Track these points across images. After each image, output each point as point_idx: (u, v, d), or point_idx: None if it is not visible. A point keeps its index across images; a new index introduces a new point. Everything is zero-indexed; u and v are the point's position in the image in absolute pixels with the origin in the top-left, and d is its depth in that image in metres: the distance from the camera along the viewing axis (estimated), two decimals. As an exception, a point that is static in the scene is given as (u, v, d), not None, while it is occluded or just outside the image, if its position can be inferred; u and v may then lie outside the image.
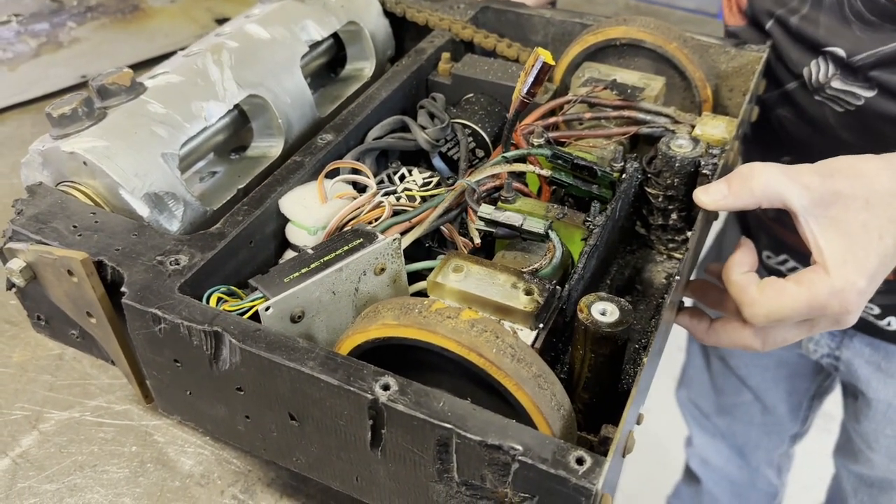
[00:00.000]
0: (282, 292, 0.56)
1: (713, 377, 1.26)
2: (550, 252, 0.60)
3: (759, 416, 1.24)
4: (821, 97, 0.85)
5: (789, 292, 0.64)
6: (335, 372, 0.50)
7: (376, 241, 0.60)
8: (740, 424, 1.28)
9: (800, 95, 0.87)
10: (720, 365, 1.23)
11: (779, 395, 1.21)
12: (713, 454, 1.35)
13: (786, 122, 0.90)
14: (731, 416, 1.28)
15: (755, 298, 0.66)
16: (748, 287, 0.67)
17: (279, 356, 0.51)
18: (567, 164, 0.68)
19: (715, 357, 1.24)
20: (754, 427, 1.27)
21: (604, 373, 0.55)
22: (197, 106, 0.70)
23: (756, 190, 0.64)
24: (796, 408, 1.23)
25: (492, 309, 0.56)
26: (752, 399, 1.23)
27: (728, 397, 1.26)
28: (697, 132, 0.74)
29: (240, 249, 0.62)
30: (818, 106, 0.86)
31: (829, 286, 0.63)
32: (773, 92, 0.89)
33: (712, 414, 1.30)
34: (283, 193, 0.65)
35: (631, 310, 0.54)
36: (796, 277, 0.65)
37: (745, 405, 1.24)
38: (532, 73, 0.64)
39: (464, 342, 0.49)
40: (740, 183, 0.64)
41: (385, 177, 0.71)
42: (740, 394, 1.23)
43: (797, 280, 0.65)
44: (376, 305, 0.53)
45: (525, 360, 0.50)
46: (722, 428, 1.31)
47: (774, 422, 1.25)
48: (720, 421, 1.30)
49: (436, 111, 0.76)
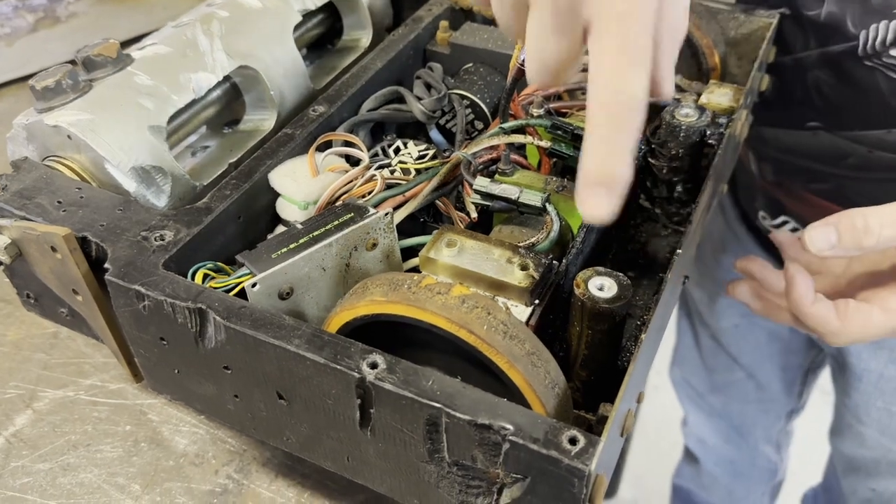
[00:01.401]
0: (269, 268, 0.54)
1: (704, 356, 1.23)
2: (548, 226, 0.58)
3: (754, 394, 1.22)
4: (874, 63, 0.79)
5: (874, 321, 0.63)
6: (322, 350, 0.48)
7: (367, 216, 0.58)
8: (735, 402, 1.25)
9: (846, 58, 0.80)
10: (710, 343, 1.20)
11: (772, 371, 1.19)
12: (709, 433, 1.33)
13: (823, 85, 0.84)
14: (725, 395, 1.25)
15: (839, 330, 0.64)
16: (828, 320, 0.65)
17: (264, 334, 0.50)
18: (567, 135, 0.65)
19: (705, 335, 1.21)
20: (749, 404, 1.24)
21: (602, 350, 0.54)
22: (185, 77, 0.68)
23: (870, 246, 0.60)
24: (791, 384, 1.20)
25: (486, 285, 0.54)
26: (745, 377, 1.20)
27: (721, 375, 1.23)
28: (703, 101, 0.71)
29: (227, 225, 0.60)
30: (868, 71, 0.79)
31: None
32: (813, 51, 0.83)
33: (706, 393, 1.28)
34: (273, 167, 0.63)
35: (629, 285, 0.52)
36: (881, 303, 0.63)
37: (738, 383, 1.21)
38: (529, 40, 0.62)
39: (454, 319, 0.47)
40: (852, 237, 0.60)
41: (379, 149, 0.69)
42: (733, 371, 1.20)
43: (882, 308, 0.63)
44: (365, 282, 0.52)
45: (518, 337, 0.48)
46: (717, 406, 1.28)
47: (769, 398, 1.22)
48: (714, 399, 1.28)
49: (433, 81, 0.73)
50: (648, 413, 2.00)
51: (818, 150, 0.87)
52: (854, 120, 0.70)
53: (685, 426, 1.41)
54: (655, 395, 1.94)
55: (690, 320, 1.22)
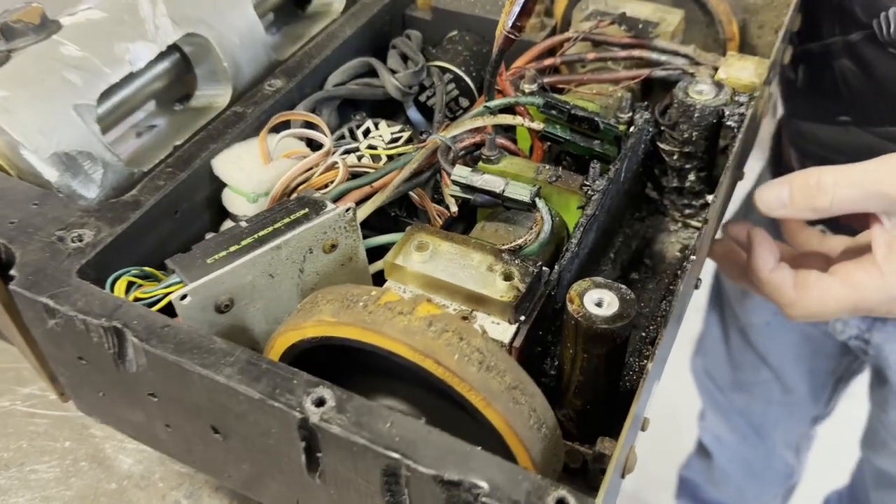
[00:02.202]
0: (202, 277, 0.45)
1: (731, 351, 1.15)
2: (537, 224, 0.49)
3: (779, 395, 1.14)
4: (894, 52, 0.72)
5: (833, 294, 0.58)
6: (257, 382, 0.40)
7: (325, 212, 0.49)
8: (758, 402, 1.18)
9: (867, 46, 0.73)
10: (739, 338, 1.12)
11: (800, 374, 1.11)
12: (727, 431, 1.25)
13: (850, 76, 0.76)
14: (749, 393, 1.18)
15: (795, 300, 0.60)
16: (784, 288, 0.61)
17: (189, 360, 0.41)
18: (563, 116, 0.56)
19: (734, 329, 1.13)
20: (772, 406, 1.16)
21: (599, 376, 0.45)
22: (121, 47, 0.59)
23: (824, 208, 0.56)
24: (819, 389, 1.13)
25: (462, 298, 0.45)
26: (771, 377, 1.12)
27: (745, 373, 1.15)
28: (721, 76, 0.61)
29: (161, 221, 0.51)
30: (891, 60, 0.72)
31: (880, 289, 0.56)
32: (837, 38, 0.76)
33: (728, 389, 1.20)
34: (218, 152, 0.54)
35: (633, 300, 0.43)
36: (843, 275, 0.58)
37: (763, 383, 1.13)
38: (518, 2, 0.52)
39: (417, 346, 0.38)
40: (804, 195, 0.56)
41: (346, 131, 0.60)
42: (759, 371, 1.12)
43: (843, 280, 0.58)
44: (315, 295, 0.43)
45: (497, 367, 0.39)
46: (738, 404, 1.20)
47: (794, 402, 1.15)
48: (736, 397, 1.20)
49: (409, 52, 0.64)
50: (659, 397, 1.92)
51: (851, 147, 0.79)
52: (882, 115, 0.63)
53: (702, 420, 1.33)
54: (669, 379, 1.85)
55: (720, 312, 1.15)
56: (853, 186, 0.55)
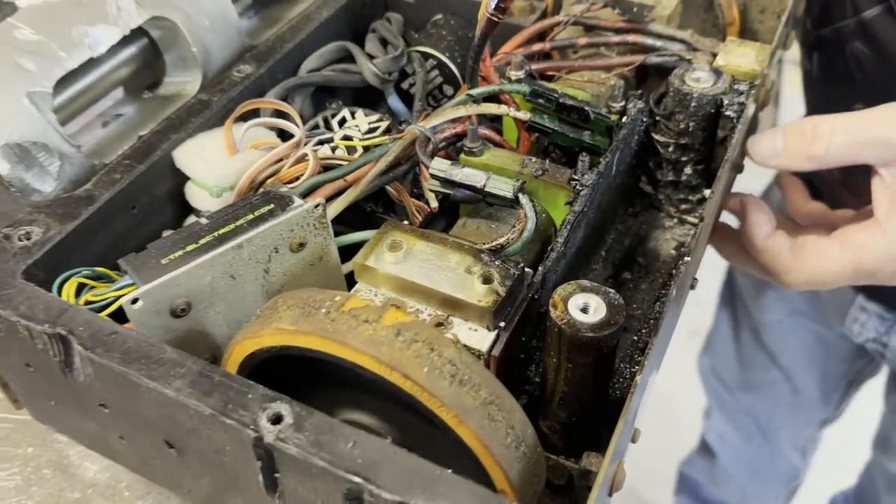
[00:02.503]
0: (155, 278, 0.42)
1: (741, 350, 1.12)
2: (521, 222, 0.45)
3: (788, 397, 1.10)
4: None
5: (832, 257, 0.55)
6: (209, 396, 0.36)
7: (292, 207, 0.45)
8: (765, 403, 1.14)
9: (883, 25, 0.70)
10: (750, 337, 1.09)
11: (811, 376, 1.07)
12: (732, 431, 1.21)
13: (863, 59, 0.72)
14: (756, 394, 1.14)
15: (791, 266, 0.56)
16: (780, 254, 0.57)
17: (136, 372, 0.37)
18: (551, 105, 0.52)
19: (746, 328, 1.09)
20: (780, 407, 1.13)
21: (585, 387, 0.41)
22: (79, 31, 0.55)
23: (819, 155, 0.53)
24: (830, 392, 1.09)
25: (437, 302, 0.42)
26: (781, 378, 1.08)
27: (755, 373, 1.12)
28: (720, 62, 0.58)
29: (117, 217, 0.48)
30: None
31: (882, 249, 0.52)
32: (850, 20, 0.72)
33: (735, 388, 1.17)
34: (180, 142, 0.51)
35: (622, 305, 0.40)
36: (842, 238, 0.55)
37: (772, 384, 1.10)
38: (501, -18, 0.49)
39: (383, 358, 0.35)
40: (799, 143, 0.53)
41: (320, 120, 0.56)
42: (769, 371, 1.08)
43: (842, 242, 0.54)
44: (276, 300, 0.39)
45: (471, 381, 0.36)
46: (745, 404, 1.17)
47: (803, 404, 1.11)
48: (744, 397, 1.16)
49: (389, 36, 0.60)
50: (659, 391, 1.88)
51: None
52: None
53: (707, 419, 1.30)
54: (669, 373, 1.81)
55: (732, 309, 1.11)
56: (850, 133, 0.52)
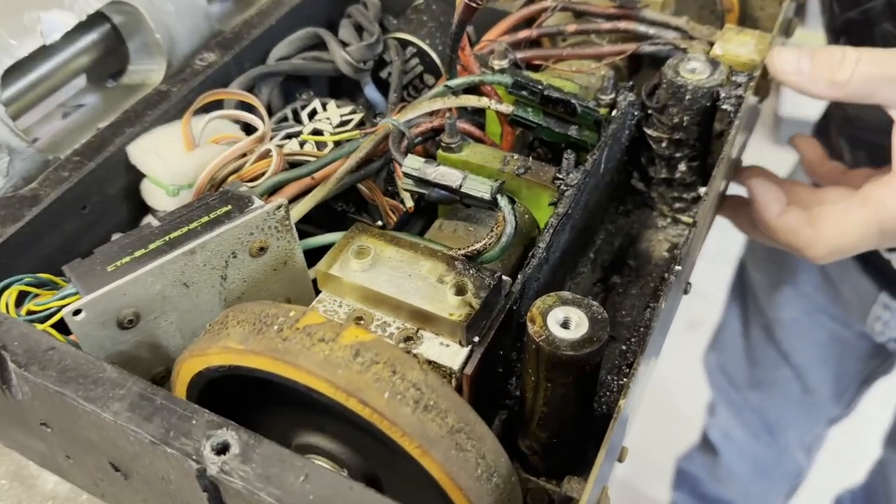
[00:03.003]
0: (99, 287, 0.38)
1: (751, 347, 1.08)
2: (499, 226, 0.42)
3: (798, 395, 1.07)
4: None
5: (854, 219, 0.52)
6: (149, 421, 0.33)
7: (251, 209, 0.42)
8: (774, 401, 1.11)
9: None
10: (761, 334, 1.05)
11: (824, 375, 1.04)
12: (738, 428, 1.18)
13: (892, 40, 0.68)
14: (765, 391, 1.11)
15: (812, 238, 0.54)
16: (797, 230, 0.54)
17: (73, 392, 0.34)
18: (535, 98, 0.49)
19: (756, 325, 1.06)
20: (789, 405, 1.10)
21: (566, 407, 0.38)
22: (31, 17, 0.51)
23: (841, 81, 0.50)
24: (842, 391, 1.06)
25: (407, 315, 0.39)
26: (791, 376, 1.05)
27: (765, 371, 1.08)
28: (717, 52, 0.54)
29: (65, 218, 0.44)
30: None
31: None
32: (878, 1, 0.68)
33: (743, 386, 1.13)
34: (135, 136, 0.47)
35: (605, 320, 0.36)
36: (861, 198, 0.52)
37: (782, 382, 1.06)
38: (480, -36, 0.45)
39: (339, 382, 0.32)
40: (826, 66, 0.51)
41: (289, 112, 0.53)
42: (779, 368, 1.05)
43: (862, 201, 0.52)
44: (227, 314, 0.36)
45: (437, 406, 0.32)
46: (752, 402, 1.13)
47: (814, 403, 1.08)
48: (752, 395, 1.13)
49: (364, 22, 0.56)
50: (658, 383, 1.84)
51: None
52: None
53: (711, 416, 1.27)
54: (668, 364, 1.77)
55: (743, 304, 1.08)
56: (877, 65, 0.50)
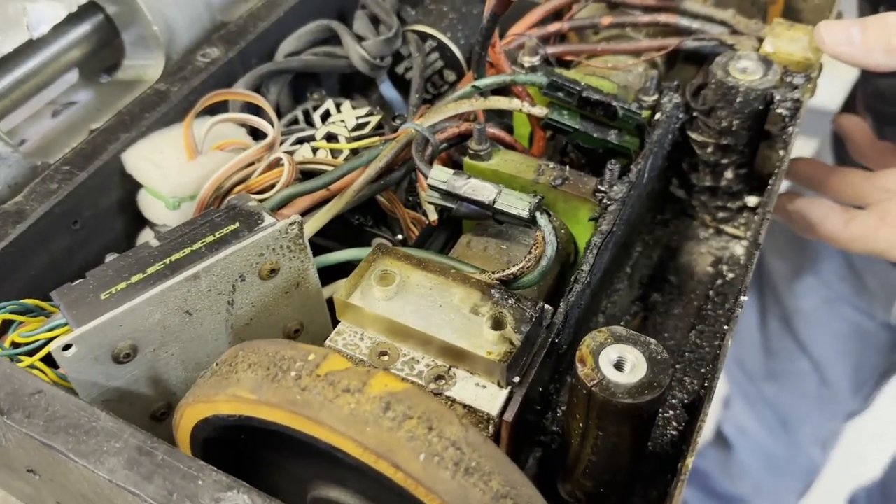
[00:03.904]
0: (91, 319, 0.34)
1: (768, 338, 1.05)
2: (538, 247, 0.37)
3: (815, 389, 1.04)
4: None
5: None
6: (149, 481, 0.29)
7: (261, 227, 0.38)
8: (789, 393, 1.08)
9: None
10: (779, 325, 1.02)
11: (843, 368, 1.01)
12: (753, 422, 1.15)
13: None
14: (781, 383, 1.08)
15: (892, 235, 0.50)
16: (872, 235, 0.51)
17: (63, 445, 0.30)
18: (572, 99, 0.44)
19: (774, 315, 1.03)
20: (805, 399, 1.07)
21: (619, 457, 0.34)
22: (16, 8, 0.47)
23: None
24: (861, 385, 1.03)
25: (437, 351, 0.34)
26: (809, 369, 1.02)
27: (781, 362, 1.06)
28: (768, 49, 0.49)
29: (54, 235, 0.40)
30: None
31: None
32: None
33: (759, 378, 1.10)
34: (131, 142, 0.43)
35: (667, 361, 0.32)
36: None
37: (799, 374, 1.04)
38: (517, -47, 0.40)
39: (368, 442, 0.27)
40: (880, 33, 0.47)
41: (300, 114, 0.48)
42: (796, 360, 1.02)
43: None
44: (236, 353, 0.32)
45: (480, 468, 0.28)
46: (767, 394, 1.11)
47: (831, 397, 1.05)
48: (767, 387, 1.10)
49: (381, 13, 0.52)
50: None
51: None
52: None
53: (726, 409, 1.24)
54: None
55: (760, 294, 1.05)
56: None
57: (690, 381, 0.44)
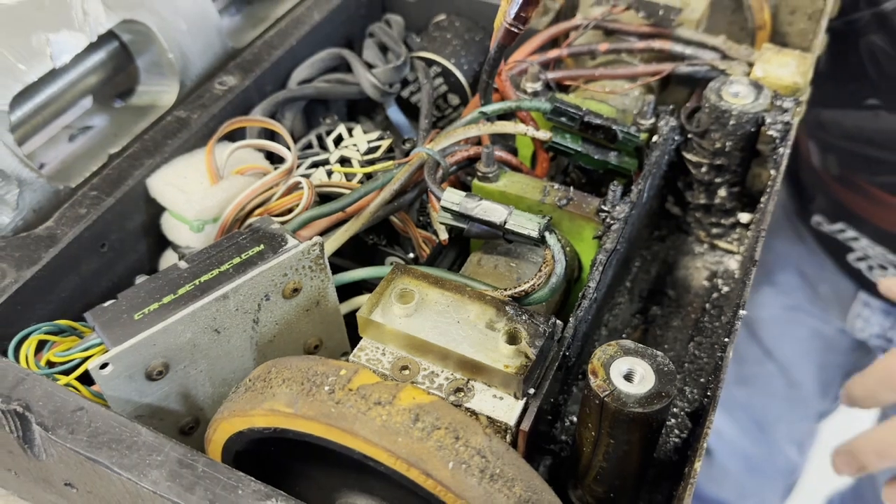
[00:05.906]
0: (127, 339, 0.36)
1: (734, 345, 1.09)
2: (548, 265, 0.40)
3: (784, 390, 1.09)
4: None
5: None
6: (191, 492, 0.31)
7: (285, 249, 0.40)
8: (760, 396, 1.12)
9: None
10: (744, 333, 1.07)
11: (808, 369, 1.06)
12: (727, 425, 1.19)
13: (879, 53, 0.68)
14: (751, 387, 1.12)
15: None
16: None
17: (107, 460, 0.32)
18: (574, 124, 0.47)
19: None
20: (776, 400, 1.11)
21: (629, 463, 0.36)
22: (40, 39, 0.49)
23: None
24: (827, 385, 1.08)
25: (456, 364, 0.36)
26: (776, 371, 1.07)
27: (750, 367, 1.10)
28: (758, 73, 0.52)
29: (84, 258, 0.42)
30: None
31: None
32: (864, 12, 0.67)
33: (730, 383, 1.14)
34: (155, 168, 0.45)
35: (673, 372, 0.34)
36: None
37: (767, 376, 1.08)
38: (523, -12, 0.42)
39: (400, 452, 0.29)
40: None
41: (314, 138, 0.50)
42: (763, 364, 1.07)
43: None
44: (269, 368, 0.34)
45: (504, 475, 0.30)
46: (739, 398, 1.15)
47: (800, 397, 1.09)
48: (738, 391, 1.14)
49: (389, 42, 0.54)
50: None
51: (882, 134, 0.72)
52: None
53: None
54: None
55: None
56: None
57: (690, 391, 0.46)
